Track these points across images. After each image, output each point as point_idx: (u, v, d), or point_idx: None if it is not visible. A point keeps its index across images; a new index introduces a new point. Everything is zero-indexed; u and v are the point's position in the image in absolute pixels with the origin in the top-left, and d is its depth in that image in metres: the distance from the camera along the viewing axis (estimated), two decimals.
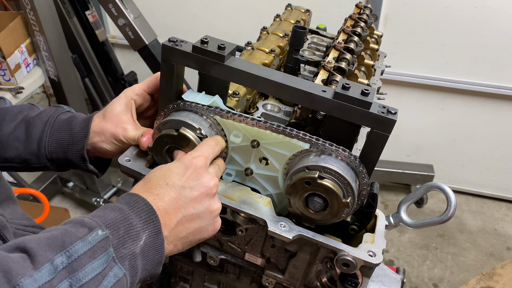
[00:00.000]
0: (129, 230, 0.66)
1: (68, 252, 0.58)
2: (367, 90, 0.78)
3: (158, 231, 0.69)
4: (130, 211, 0.68)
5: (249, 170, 0.92)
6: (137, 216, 0.68)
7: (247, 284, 1.09)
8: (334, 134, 0.85)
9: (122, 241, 0.64)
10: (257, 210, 0.87)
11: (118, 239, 0.64)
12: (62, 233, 0.60)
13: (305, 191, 0.82)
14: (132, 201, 0.70)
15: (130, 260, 0.65)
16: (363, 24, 1.31)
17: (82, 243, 0.60)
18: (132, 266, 0.65)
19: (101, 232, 0.62)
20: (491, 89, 2.60)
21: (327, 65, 1.04)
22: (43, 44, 2.16)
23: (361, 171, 0.82)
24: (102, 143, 0.95)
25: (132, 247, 0.65)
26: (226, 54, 0.83)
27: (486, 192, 3.07)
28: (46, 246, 0.58)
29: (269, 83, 0.82)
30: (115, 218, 0.66)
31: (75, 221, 0.65)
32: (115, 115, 0.96)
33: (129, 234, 0.65)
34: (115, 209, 0.68)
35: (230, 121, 0.87)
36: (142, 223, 0.68)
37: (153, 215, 0.69)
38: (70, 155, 0.97)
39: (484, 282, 1.64)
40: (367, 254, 0.82)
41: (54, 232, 0.61)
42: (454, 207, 0.86)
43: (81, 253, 0.59)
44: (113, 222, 0.65)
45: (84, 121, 0.97)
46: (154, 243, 0.69)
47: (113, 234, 0.64)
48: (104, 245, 0.62)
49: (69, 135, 0.96)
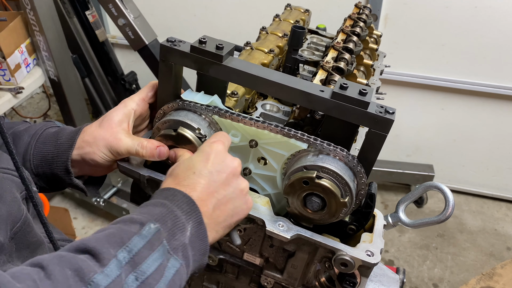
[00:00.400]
0: (176, 222, 0.68)
1: (128, 247, 0.61)
2: (365, 90, 0.78)
3: (200, 221, 0.71)
4: (172, 204, 0.70)
5: (248, 170, 0.92)
6: (179, 208, 0.70)
7: (246, 284, 1.09)
8: (332, 134, 0.85)
9: (172, 233, 0.67)
10: (256, 209, 0.87)
11: (168, 231, 0.66)
12: (118, 230, 0.63)
13: (303, 191, 0.82)
14: (170, 195, 0.72)
15: (182, 250, 0.67)
16: (362, 24, 1.31)
17: (139, 237, 0.62)
18: (185, 256, 0.68)
19: (153, 226, 0.65)
20: (491, 89, 2.60)
21: (325, 65, 1.05)
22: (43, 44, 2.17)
23: (359, 170, 0.82)
24: (94, 154, 0.89)
25: (182, 238, 0.67)
26: (224, 54, 0.83)
27: (486, 192, 3.07)
28: (107, 244, 0.60)
29: (268, 83, 0.82)
30: (161, 213, 0.68)
31: (125, 219, 0.67)
32: (112, 124, 0.90)
33: (177, 226, 0.68)
34: (157, 204, 0.70)
35: (228, 121, 0.87)
36: (185, 215, 0.70)
37: (193, 205, 0.71)
38: (55, 168, 0.91)
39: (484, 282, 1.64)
40: (365, 254, 0.82)
41: (110, 230, 0.63)
42: (452, 207, 0.86)
43: (140, 247, 0.61)
44: (160, 217, 0.67)
45: (72, 132, 0.92)
46: (199, 233, 0.71)
47: (163, 228, 0.66)
48: (158, 237, 0.64)
49: (54, 147, 0.90)
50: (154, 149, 0.87)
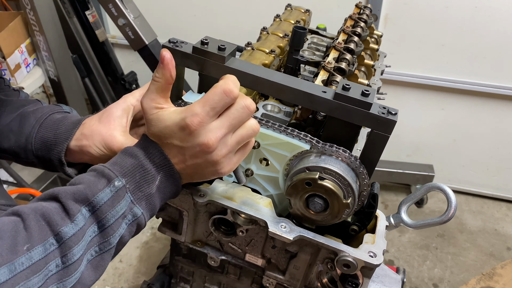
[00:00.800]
0: (144, 175, 0.73)
1: (92, 203, 0.68)
2: (367, 91, 0.78)
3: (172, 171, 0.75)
4: (144, 156, 0.74)
5: (250, 171, 0.92)
6: (151, 161, 0.74)
7: (247, 285, 1.09)
8: (335, 135, 0.85)
9: (138, 186, 0.72)
10: (258, 211, 0.87)
11: (135, 184, 0.72)
12: (86, 187, 0.69)
13: (306, 192, 0.82)
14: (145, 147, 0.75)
15: (147, 199, 0.73)
16: (363, 24, 1.31)
17: (103, 194, 0.69)
18: (149, 203, 0.74)
19: (117, 183, 0.70)
20: (491, 89, 2.60)
21: (327, 66, 1.04)
22: (43, 44, 2.16)
23: (362, 171, 0.82)
24: (89, 147, 0.91)
25: (147, 190, 0.73)
26: (227, 55, 0.83)
27: (486, 192, 3.07)
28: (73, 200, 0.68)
29: (270, 84, 0.82)
30: (131, 165, 0.73)
31: (97, 169, 0.73)
32: (110, 119, 0.92)
33: (145, 179, 0.73)
34: (132, 155, 0.74)
35: None
36: (155, 167, 0.74)
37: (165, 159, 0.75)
38: (52, 155, 0.94)
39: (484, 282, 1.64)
40: (367, 255, 0.82)
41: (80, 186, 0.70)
42: (454, 208, 0.86)
43: (102, 203, 0.68)
44: (129, 170, 0.72)
45: (73, 123, 0.95)
46: (170, 180, 0.76)
47: (129, 182, 0.71)
48: (121, 193, 0.70)
49: (53, 135, 0.94)
50: None
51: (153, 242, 2.61)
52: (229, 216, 0.92)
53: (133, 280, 2.40)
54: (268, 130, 0.86)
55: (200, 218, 0.97)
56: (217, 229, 0.97)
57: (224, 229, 0.98)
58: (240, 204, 0.88)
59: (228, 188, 0.92)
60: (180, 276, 1.18)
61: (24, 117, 0.97)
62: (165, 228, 1.05)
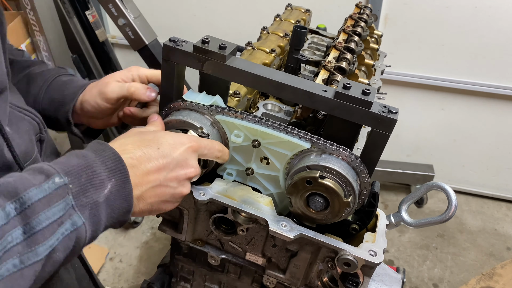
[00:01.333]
0: (92, 178, 0.62)
1: (21, 199, 0.55)
2: (368, 90, 0.78)
3: (125, 180, 0.66)
4: (95, 158, 0.65)
5: (250, 169, 0.92)
6: (103, 164, 0.65)
7: (248, 284, 1.09)
8: (335, 134, 0.85)
9: (83, 189, 0.61)
10: (258, 209, 0.87)
11: (79, 187, 0.61)
12: (16, 180, 0.57)
13: (306, 191, 0.82)
14: (99, 149, 0.67)
15: (91, 209, 0.62)
16: (363, 24, 1.31)
17: (37, 190, 0.57)
18: (94, 215, 0.62)
19: (58, 180, 0.59)
20: (491, 89, 2.60)
21: (327, 65, 1.04)
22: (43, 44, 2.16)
23: (362, 170, 0.82)
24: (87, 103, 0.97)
25: (94, 196, 0.62)
26: (227, 54, 0.83)
27: (486, 192, 3.07)
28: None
29: (270, 83, 0.82)
30: (77, 165, 0.62)
31: (34, 167, 0.62)
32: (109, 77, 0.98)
33: (92, 182, 0.62)
34: (79, 155, 0.65)
35: (231, 121, 0.87)
36: (107, 172, 0.65)
37: (120, 163, 0.66)
38: (58, 114, 0.99)
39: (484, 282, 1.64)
40: (368, 254, 0.82)
41: (9, 178, 0.58)
42: (455, 207, 0.86)
43: (34, 200, 0.56)
44: (74, 170, 0.62)
45: (79, 85, 1.00)
46: (121, 192, 0.66)
47: (73, 182, 0.60)
48: (61, 193, 0.59)
49: (61, 96, 0.99)
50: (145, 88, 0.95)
51: (153, 242, 2.61)
52: (230, 215, 0.92)
53: (133, 280, 2.40)
54: (268, 129, 0.86)
55: (201, 217, 0.97)
56: (217, 228, 0.97)
57: (225, 228, 0.98)
58: (240, 203, 0.88)
59: (229, 186, 0.92)
60: (180, 275, 1.18)
61: (32, 78, 1.00)
62: (166, 227, 1.05)
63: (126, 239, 2.62)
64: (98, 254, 2.48)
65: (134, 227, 2.68)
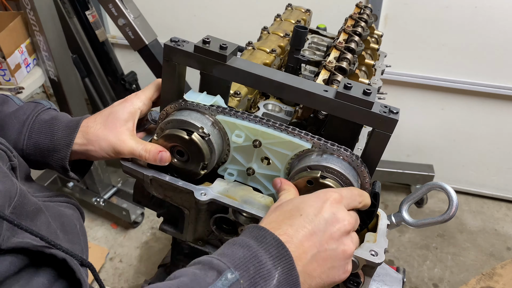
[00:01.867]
0: (259, 269, 0.61)
1: None
2: (369, 90, 0.78)
3: (291, 267, 0.64)
4: (258, 247, 0.64)
5: (251, 169, 0.92)
6: (266, 252, 0.63)
7: None
8: (336, 134, 0.85)
9: (253, 283, 0.60)
10: (259, 209, 0.87)
11: (249, 280, 0.60)
12: (192, 279, 0.59)
13: (307, 191, 0.82)
14: (260, 236, 0.65)
15: None
16: (363, 24, 1.31)
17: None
18: None
19: (230, 276, 0.59)
20: (491, 89, 2.60)
21: (328, 65, 1.05)
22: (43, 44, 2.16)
23: (363, 170, 0.82)
24: (95, 152, 0.89)
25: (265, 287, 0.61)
26: (228, 54, 0.83)
27: (486, 192, 3.07)
28: None
29: (271, 83, 0.82)
30: (244, 256, 0.62)
31: (204, 262, 0.63)
32: (117, 124, 0.89)
33: (260, 274, 0.61)
34: (243, 245, 0.64)
35: (232, 121, 0.87)
36: (272, 260, 0.63)
37: (283, 249, 0.64)
38: (50, 161, 0.90)
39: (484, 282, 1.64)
40: (369, 254, 0.82)
41: (184, 278, 0.59)
42: (455, 206, 0.86)
43: None
44: (242, 262, 0.61)
45: (69, 127, 0.89)
46: (289, 280, 0.63)
47: (243, 276, 0.60)
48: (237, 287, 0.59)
49: (50, 141, 0.88)
50: (157, 154, 0.88)
51: (153, 242, 2.61)
52: (231, 215, 0.92)
53: (133, 280, 2.40)
54: (269, 129, 0.86)
55: (202, 217, 0.97)
56: (218, 228, 0.97)
57: (226, 227, 0.98)
58: (241, 203, 0.88)
59: (230, 187, 0.92)
60: None
61: (5, 122, 0.89)
62: (166, 227, 1.05)
63: (126, 239, 2.62)
64: (98, 254, 2.48)
65: (134, 227, 2.68)
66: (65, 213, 0.90)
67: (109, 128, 0.89)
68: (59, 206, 0.92)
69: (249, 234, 0.66)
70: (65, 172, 0.91)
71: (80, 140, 0.89)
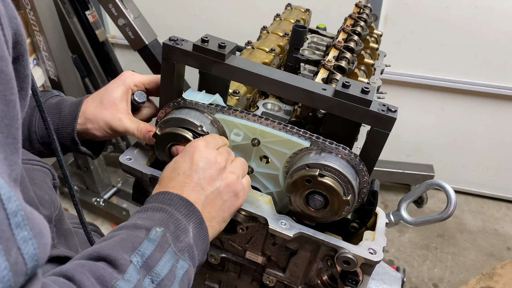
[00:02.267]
0: (178, 225, 0.69)
1: (140, 251, 0.62)
2: (367, 88, 0.79)
3: (201, 221, 0.73)
4: (171, 208, 0.71)
5: (250, 168, 0.92)
6: (178, 211, 0.71)
7: (248, 283, 1.09)
8: (335, 132, 0.86)
9: (176, 236, 0.67)
10: (258, 208, 0.87)
11: (172, 235, 0.67)
12: (127, 236, 0.64)
13: (306, 189, 0.82)
14: (167, 199, 0.72)
15: (188, 251, 0.68)
16: (363, 23, 1.31)
17: (148, 242, 0.63)
18: (191, 257, 0.69)
19: (159, 229, 0.65)
20: (491, 89, 2.60)
21: (327, 64, 1.05)
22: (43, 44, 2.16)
23: (362, 169, 0.82)
24: (95, 130, 0.95)
25: (186, 240, 0.69)
26: (227, 53, 0.83)
27: (486, 192, 3.07)
28: (120, 250, 0.61)
29: (270, 81, 0.82)
30: (162, 217, 0.69)
31: (128, 225, 0.67)
32: (112, 102, 0.95)
33: (180, 229, 0.69)
34: (156, 209, 0.70)
35: (231, 120, 0.87)
36: (185, 217, 0.71)
37: (191, 207, 0.72)
38: (61, 138, 0.96)
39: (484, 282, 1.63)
40: (367, 252, 0.82)
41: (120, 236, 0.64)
42: (454, 205, 0.86)
43: (151, 250, 0.62)
44: (162, 221, 0.68)
45: (74, 104, 0.96)
46: (200, 232, 0.72)
47: (167, 231, 0.67)
48: (166, 240, 0.65)
49: (58, 118, 0.95)
50: (146, 133, 0.92)
51: None
52: None
53: None
54: (268, 128, 0.86)
55: None
56: None
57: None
58: None
59: None
60: None
61: None
62: None
63: None
64: None
65: None
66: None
67: (105, 107, 0.94)
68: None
69: (157, 200, 0.73)
70: (76, 146, 0.97)
71: (80, 120, 0.95)
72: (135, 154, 0.96)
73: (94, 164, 2.60)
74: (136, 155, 0.96)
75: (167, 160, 0.92)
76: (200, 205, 0.75)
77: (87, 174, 2.67)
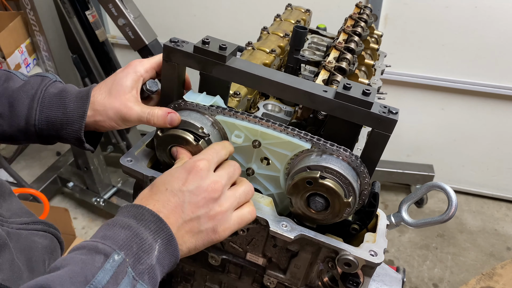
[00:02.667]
0: (141, 245, 0.66)
1: (93, 285, 0.59)
2: (368, 90, 0.78)
3: (170, 237, 0.70)
4: (138, 225, 0.68)
5: (251, 170, 0.92)
6: (146, 228, 0.68)
7: (248, 284, 1.09)
8: (335, 134, 0.85)
9: (137, 258, 0.65)
10: (259, 210, 0.87)
11: (134, 257, 0.65)
12: (81, 266, 0.60)
13: (307, 191, 0.82)
14: (138, 214, 0.70)
15: (149, 273, 0.66)
16: (363, 24, 1.31)
17: (103, 273, 0.60)
18: (152, 277, 0.66)
19: (117, 257, 0.63)
20: (491, 89, 2.61)
21: (328, 65, 1.04)
22: (43, 44, 2.16)
23: (362, 170, 0.82)
24: (103, 122, 0.89)
25: (148, 261, 0.66)
26: (228, 55, 0.83)
27: (486, 192, 3.07)
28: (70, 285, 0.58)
29: (271, 83, 0.82)
30: (126, 238, 0.66)
31: (89, 247, 0.64)
32: (121, 92, 0.89)
33: (143, 249, 0.66)
34: (124, 226, 0.67)
35: (231, 122, 0.87)
36: (152, 234, 0.68)
37: (161, 223, 0.70)
38: (64, 134, 0.90)
39: (484, 282, 1.64)
40: (368, 254, 0.82)
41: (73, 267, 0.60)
42: (455, 207, 0.86)
43: (104, 283, 0.60)
44: (125, 243, 0.65)
45: (80, 98, 0.90)
46: (168, 249, 0.70)
47: (127, 254, 0.64)
48: (123, 269, 0.63)
49: (63, 114, 0.89)
50: (165, 116, 0.86)
51: None
52: None
53: None
54: (269, 129, 0.86)
55: None
56: None
57: None
58: None
59: None
60: (181, 276, 1.18)
61: (13, 98, 0.89)
62: None
63: None
64: None
65: None
66: (36, 246, 0.90)
67: (114, 96, 0.89)
68: (33, 236, 0.92)
69: (128, 213, 0.70)
70: (81, 144, 0.92)
71: (88, 112, 0.89)
72: (136, 156, 0.96)
73: (94, 164, 2.60)
74: (137, 156, 0.95)
75: (167, 161, 0.92)
76: (175, 227, 0.72)
77: (87, 174, 2.67)
